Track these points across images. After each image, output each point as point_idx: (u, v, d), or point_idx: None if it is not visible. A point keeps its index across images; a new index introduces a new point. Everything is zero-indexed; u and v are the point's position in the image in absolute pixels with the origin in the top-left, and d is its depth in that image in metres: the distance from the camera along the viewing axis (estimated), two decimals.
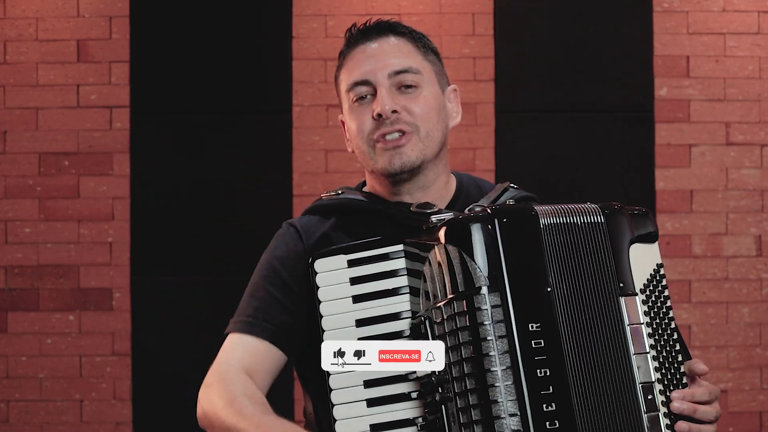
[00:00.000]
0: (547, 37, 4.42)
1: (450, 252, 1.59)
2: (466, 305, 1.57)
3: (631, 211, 1.67)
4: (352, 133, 1.81)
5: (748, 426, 4.40)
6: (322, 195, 1.87)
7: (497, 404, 1.53)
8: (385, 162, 1.77)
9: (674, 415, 1.58)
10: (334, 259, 1.70)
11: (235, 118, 4.40)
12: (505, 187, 1.87)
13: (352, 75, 1.79)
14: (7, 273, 4.39)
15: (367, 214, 1.81)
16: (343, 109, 1.85)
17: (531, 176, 4.31)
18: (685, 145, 4.43)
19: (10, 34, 4.42)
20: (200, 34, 4.42)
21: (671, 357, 1.61)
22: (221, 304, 4.41)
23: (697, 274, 4.41)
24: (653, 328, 1.61)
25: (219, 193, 4.38)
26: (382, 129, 1.76)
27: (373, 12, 4.41)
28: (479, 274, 1.57)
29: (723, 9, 4.44)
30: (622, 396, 1.57)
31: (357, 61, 1.80)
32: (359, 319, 1.67)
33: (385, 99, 1.75)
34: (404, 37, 1.83)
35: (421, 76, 1.79)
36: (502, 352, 1.55)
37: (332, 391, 1.64)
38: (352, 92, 1.79)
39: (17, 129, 4.41)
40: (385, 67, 1.78)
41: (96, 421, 4.37)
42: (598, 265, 1.61)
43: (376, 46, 1.80)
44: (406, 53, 1.80)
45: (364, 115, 1.78)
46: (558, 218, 1.62)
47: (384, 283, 1.68)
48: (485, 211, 1.62)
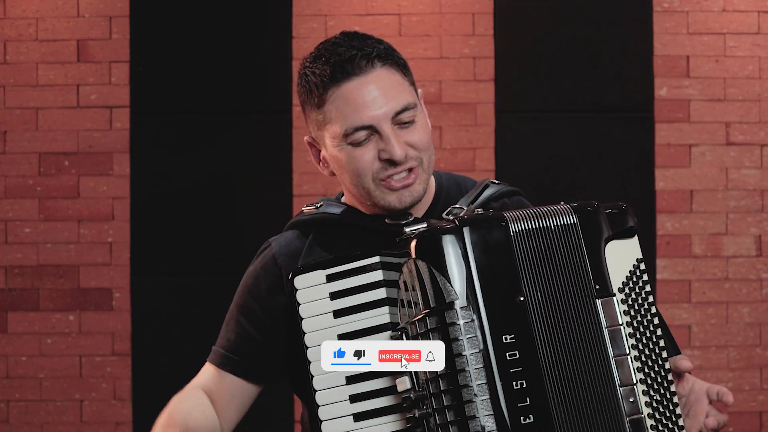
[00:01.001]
0: (547, 37, 4.42)
1: (420, 267, 1.58)
2: (438, 321, 1.56)
3: (607, 207, 1.64)
4: (349, 173, 1.74)
5: (748, 426, 4.40)
6: (303, 209, 1.86)
7: (475, 420, 1.53)
8: (394, 201, 1.73)
9: (656, 414, 1.57)
10: (312, 274, 1.69)
11: (235, 118, 4.40)
12: (486, 184, 1.84)
13: (350, 119, 1.69)
14: (7, 273, 4.39)
15: (344, 227, 1.80)
16: (321, 138, 1.77)
17: (531, 176, 4.32)
18: (685, 145, 4.43)
19: (10, 34, 4.42)
20: (200, 34, 4.42)
21: (654, 355, 1.59)
22: (221, 304, 4.41)
23: (697, 274, 4.41)
24: (634, 327, 1.59)
25: (219, 193, 4.38)
26: (390, 170, 1.71)
27: (373, 12, 4.41)
28: (450, 289, 1.56)
29: (723, 9, 4.44)
30: (603, 401, 1.55)
31: (352, 104, 1.69)
32: (341, 333, 1.66)
33: (396, 145, 1.68)
34: (391, 66, 1.72)
35: (415, 107, 1.73)
36: (477, 367, 1.54)
37: (319, 407, 1.65)
38: (351, 137, 1.70)
39: (17, 129, 4.41)
40: (387, 111, 1.69)
41: (96, 421, 4.37)
42: (572, 269, 1.59)
43: (370, 83, 1.69)
44: (399, 86, 1.72)
45: (365, 156, 1.71)
46: (529, 223, 1.60)
47: (363, 296, 1.68)
48: (453, 223, 1.60)
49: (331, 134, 1.73)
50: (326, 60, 1.71)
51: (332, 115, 1.71)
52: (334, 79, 1.70)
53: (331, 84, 1.70)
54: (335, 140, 1.73)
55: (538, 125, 4.41)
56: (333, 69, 1.70)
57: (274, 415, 4.24)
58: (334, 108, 1.71)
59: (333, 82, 1.70)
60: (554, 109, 4.42)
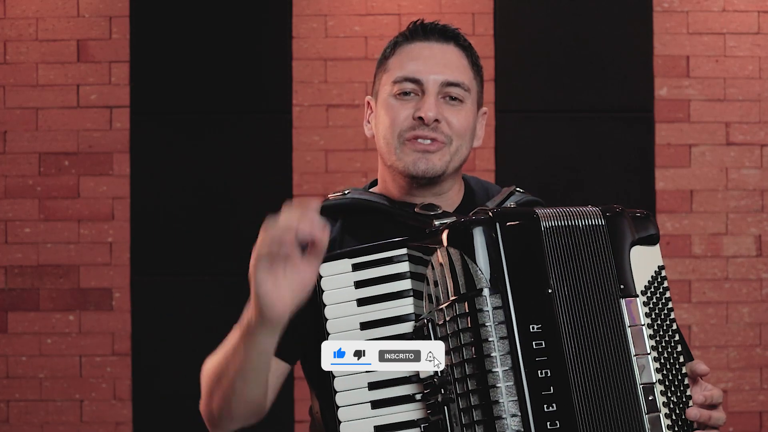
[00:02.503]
0: (547, 37, 4.42)
1: (452, 255, 1.61)
2: (467, 307, 1.58)
3: (632, 213, 1.68)
4: (383, 124, 1.82)
5: (748, 426, 4.40)
6: (329, 195, 1.88)
7: (498, 405, 1.54)
8: (409, 162, 1.78)
9: (676, 417, 1.59)
10: (338, 263, 1.70)
11: (235, 118, 4.40)
12: (511, 191, 1.89)
13: (405, 68, 1.81)
14: (7, 273, 4.39)
15: (372, 214, 1.83)
16: (377, 92, 1.85)
17: (531, 176, 4.32)
18: (685, 145, 4.43)
19: (10, 34, 4.42)
20: (200, 34, 4.42)
21: (672, 358, 1.61)
22: (221, 304, 4.43)
23: (697, 274, 4.41)
24: (654, 330, 1.61)
25: (219, 193, 4.38)
26: (417, 131, 1.78)
27: (373, 12, 4.41)
28: (480, 276, 1.58)
29: (723, 9, 4.44)
30: (623, 396, 1.58)
31: (413, 57, 1.81)
32: (363, 322, 1.68)
33: (432, 105, 1.77)
34: (464, 51, 1.84)
35: (468, 93, 1.81)
36: (503, 353, 1.56)
37: (337, 393, 1.66)
38: (398, 85, 1.80)
39: (17, 129, 4.41)
40: (441, 74, 1.79)
41: (96, 421, 4.37)
42: (599, 267, 1.62)
43: (436, 49, 1.82)
44: (462, 68, 1.82)
45: (402, 111, 1.79)
46: (559, 221, 1.63)
47: (388, 286, 1.69)
48: (487, 215, 1.64)
49: (385, 82, 1.83)
50: (411, 26, 1.87)
51: (393, 64, 1.83)
52: (408, 38, 1.85)
53: (404, 41, 1.85)
54: (386, 88, 1.82)
55: (538, 125, 4.41)
56: (411, 30, 1.85)
57: (274, 415, 4.23)
58: (398, 59, 1.83)
59: (406, 39, 1.85)
60: (554, 109, 4.42)
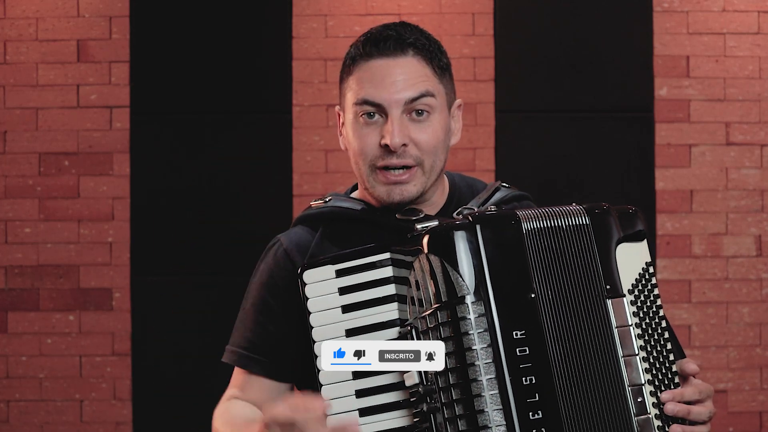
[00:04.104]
0: (547, 37, 4.42)
1: (432, 261, 1.58)
2: (449, 315, 1.56)
3: (619, 210, 1.65)
4: (353, 149, 1.77)
5: (748, 426, 4.40)
6: (311, 203, 1.86)
7: (483, 414, 1.53)
8: (383, 193, 1.74)
9: (666, 416, 1.57)
10: (322, 269, 1.69)
11: (235, 118, 4.40)
12: (497, 187, 1.85)
13: (363, 90, 1.73)
14: (7, 273, 4.39)
15: (354, 222, 1.80)
16: (344, 109, 1.80)
17: (531, 176, 4.32)
18: (685, 145, 4.43)
19: (10, 34, 4.42)
20: (200, 34, 4.42)
21: (662, 357, 1.59)
22: (221, 304, 4.43)
23: (697, 274, 4.41)
24: (643, 329, 1.59)
25: (219, 193, 4.38)
26: (386, 160, 1.72)
27: (373, 12, 4.41)
28: (462, 284, 1.56)
29: (723, 9, 4.44)
30: (612, 400, 1.56)
31: (370, 78, 1.73)
32: (349, 328, 1.67)
33: (396, 132, 1.70)
34: (424, 56, 1.75)
35: (435, 98, 1.75)
36: (486, 362, 1.54)
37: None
38: (360, 107, 1.73)
39: (17, 129, 4.41)
40: (402, 93, 1.71)
41: (96, 421, 4.37)
42: (583, 268, 1.60)
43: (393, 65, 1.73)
44: (423, 77, 1.74)
45: (369, 137, 1.73)
46: (541, 222, 1.61)
47: (372, 292, 1.67)
48: (467, 219, 1.61)
49: (349, 100, 1.77)
50: (366, 37, 1.78)
51: (354, 84, 1.76)
52: (365, 53, 1.75)
53: (362, 57, 1.76)
54: (350, 107, 1.77)
55: (538, 125, 4.41)
56: (366, 44, 1.76)
57: None
58: (357, 79, 1.76)
59: (364, 55, 1.75)
60: (554, 109, 4.42)
